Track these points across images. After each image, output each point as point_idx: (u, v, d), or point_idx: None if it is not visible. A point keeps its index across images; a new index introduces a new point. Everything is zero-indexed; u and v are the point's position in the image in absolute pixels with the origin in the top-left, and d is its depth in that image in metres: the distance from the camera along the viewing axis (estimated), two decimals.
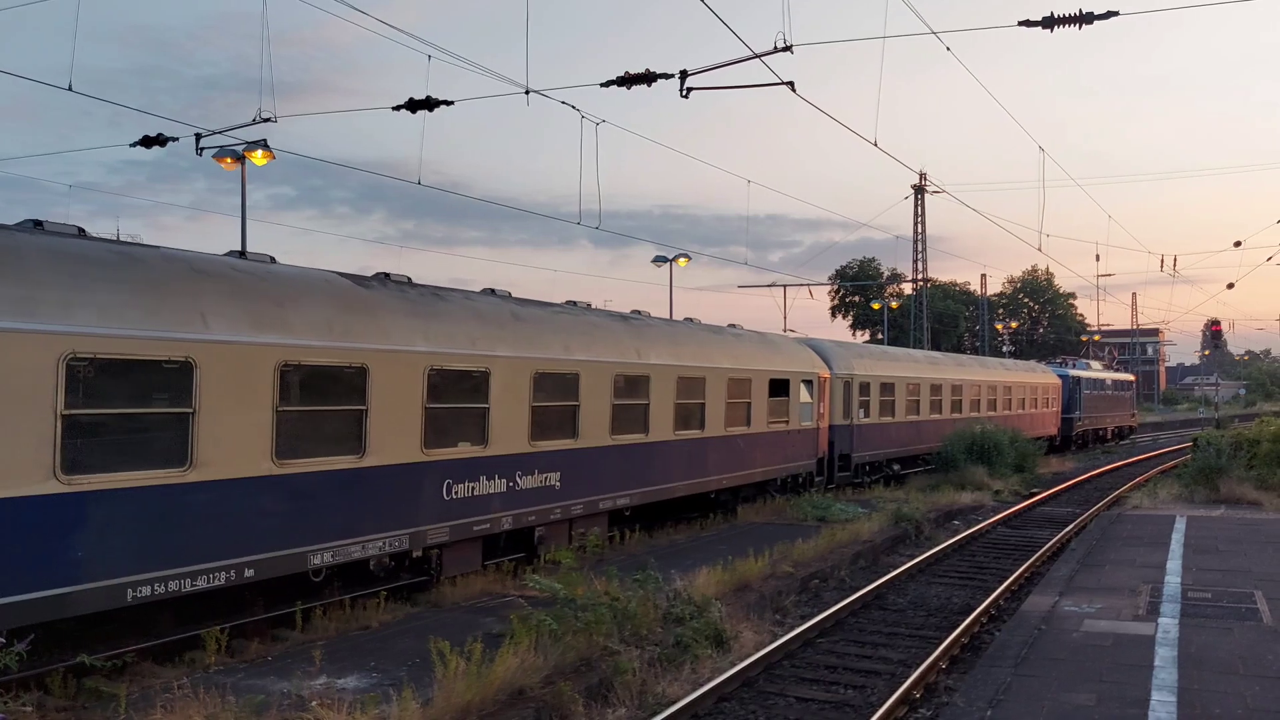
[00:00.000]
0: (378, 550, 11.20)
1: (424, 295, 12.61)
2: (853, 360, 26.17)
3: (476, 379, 12.61)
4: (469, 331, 12.66)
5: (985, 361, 40.22)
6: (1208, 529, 18.22)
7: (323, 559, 10.48)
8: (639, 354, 16.17)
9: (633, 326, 16.85)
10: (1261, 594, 12.42)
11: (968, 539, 19.73)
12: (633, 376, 15.88)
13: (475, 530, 12.61)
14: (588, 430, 14.68)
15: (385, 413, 11.18)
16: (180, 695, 7.92)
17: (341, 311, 10.99)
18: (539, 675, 9.08)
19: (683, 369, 17.32)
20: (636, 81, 13.84)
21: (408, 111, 14.77)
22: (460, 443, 12.38)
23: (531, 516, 13.63)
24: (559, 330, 14.55)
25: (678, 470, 17.19)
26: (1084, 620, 11.10)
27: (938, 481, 27.21)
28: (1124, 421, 53.37)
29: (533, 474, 13.57)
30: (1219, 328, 58.77)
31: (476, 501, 12.56)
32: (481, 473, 12.65)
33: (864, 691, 10.09)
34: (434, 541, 11.98)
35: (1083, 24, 12.36)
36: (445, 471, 12.09)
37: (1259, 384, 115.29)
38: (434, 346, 11.92)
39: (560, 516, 14.17)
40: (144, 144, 18.22)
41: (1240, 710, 8.00)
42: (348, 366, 10.82)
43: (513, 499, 13.20)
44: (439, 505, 12.00)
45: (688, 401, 17.48)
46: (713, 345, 19.04)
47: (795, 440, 21.94)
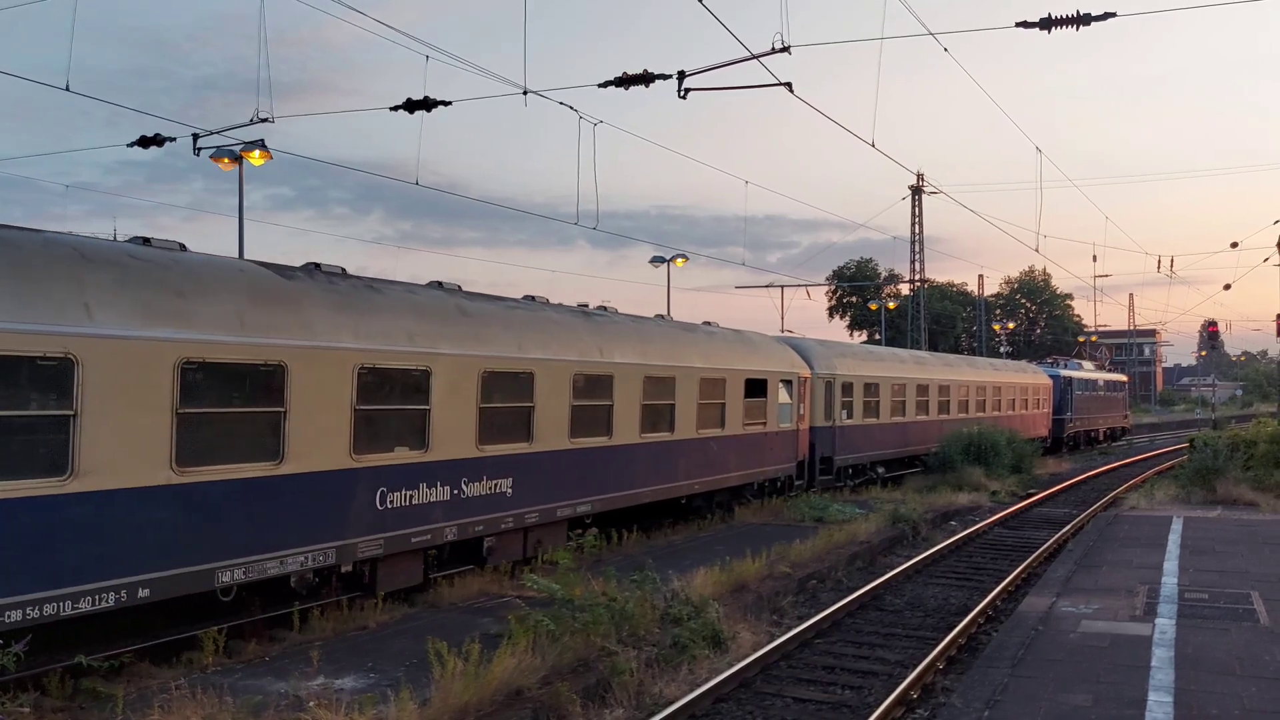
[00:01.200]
0: (299, 566, 10.22)
1: (356, 287, 11.65)
2: (835, 360, 25.47)
3: (416, 378, 11.73)
4: (407, 327, 11.74)
5: (974, 361, 39.45)
6: (1205, 530, 18.25)
7: (233, 576, 9.49)
8: (601, 352, 15.28)
9: (595, 323, 15.92)
10: (1258, 594, 12.44)
11: (965, 540, 19.75)
12: (594, 376, 15.00)
13: (414, 542, 11.70)
14: (544, 433, 13.79)
15: (308, 415, 10.23)
16: (177, 696, 7.92)
17: (257, 304, 10.02)
18: (537, 676, 9.08)
19: (650, 368, 16.48)
20: (634, 82, 13.86)
21: (405, 112, 14.78)
22: (397, 447, 11.51)
23: (479, 526, 12.70)
24: (511, 326, 13.63)
25: (644, 475, 16.31)
26: (1081, 621, 11.12)
27: (935, 482, 27.22)
28: (1116, 423, 53.02)
29: (481, 480, 12.66)
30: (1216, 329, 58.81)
31: (415, 511, 11.64)
32: (421, 480, 11.73)
33: (861, 692, 10.10)
34: (366, 555, 11.04)
35: (1080, 25, 12.38)
36: (379, 479, 11.16)
37: (1256, 385, 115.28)
38: (365, 343, 11.00)
39: (513, 526, 13.28)
40: (141, 144, 18.23)
41: (1237, 711, 8.01)
42: (262, 364, 9.86)
43: (458, 508, 12.30)
44: (371, 516, 11.06)
45: (656, 402, 16.65)
46: (684, 343, 18.20)
47: (773, 443, 21.10)
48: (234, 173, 23.40)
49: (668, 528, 18.09)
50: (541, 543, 13.99)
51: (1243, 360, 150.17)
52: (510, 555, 13.47)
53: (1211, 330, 56.60)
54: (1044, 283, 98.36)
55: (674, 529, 18.16)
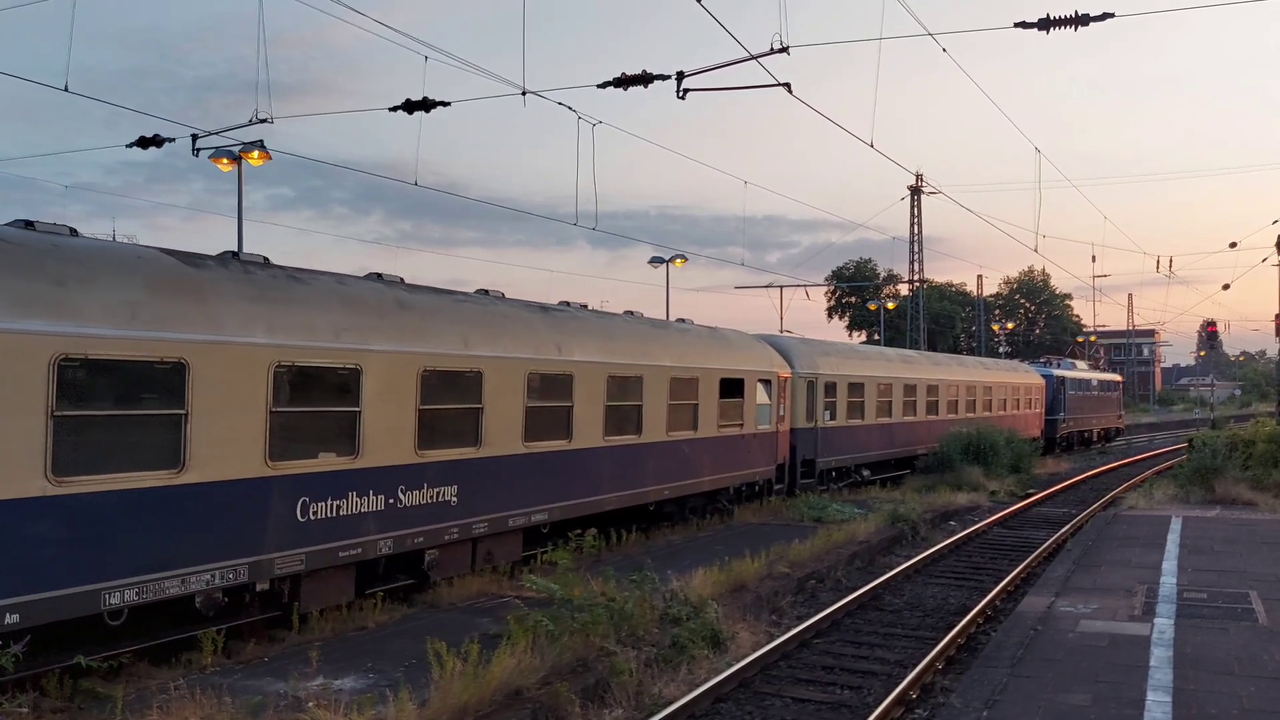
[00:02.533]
0: (204, 584, 9.28)
1: (277, 277, 10.69)
2: (817, 359, 24.67)
3: (344, 377, 10.81)
4: (334, 320, 10.80)
5: (963, 360, 38.42)
6: (1203, 529, 18.26)
7: (123, 598, 8.61)
8: (560, 350, 14.36)
9: (554, 319, 14.97)
10: (1257, 594, 12.45)
11: (964, 539, 19.76)
12: (552, 375, 14.10)
13: (343, 556, 10.77)
14: (494, 437, 12.87)
15: (214, 418, 9.33)
16: (176, 696, 7.93)
17: (154, 295, 9.09)
18: (536, 676, 9.08)
19: (615, 367, 15.54)
20: (633, 83, 13.87)
21: (405, 113, 14.79)
22: (322, 453, 10.57)
23: (419, 538, 11.78)
24: (457, 321, 12.68)
25: (608, 480, 15.41)
26: (1080, 621, 11.12)
27: (934, 482, 27.22)
28: (1110, 423, 52.40)
29: (420, 488, 11.75)
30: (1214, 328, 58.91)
31: (343, 522, 10.72)
32: (351, 488, 10.82)
33: (860, 692, 10.11)
34: (285, 571, 10.13)
35: (1078, 25, 12.40)
36: (299, 487, 10.24)
37: (1254, 385, 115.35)
38: (283, 338, 10.08)
39: (458, 536, 12.38)
40: (140, 144, 18.24)
41: (1236, 710, 8.02)
42: (158, 362, 8.94)
43: (394, 518, 11.38)
44: (291, 528, 10.14)
45: (621, 403, 15.75)
46: (652, 341, 17.27)
47: (751, 445, 20.23)
48: (234, 173, 23.44)
49: (666, 528, 18.09)
50: (493, 555, 13.25)
51: (1241, 360, 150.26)
52: (456, 569, 12.69)
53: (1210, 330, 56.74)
54: (1043, 283, 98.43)
55: (673, 529, 18.16)
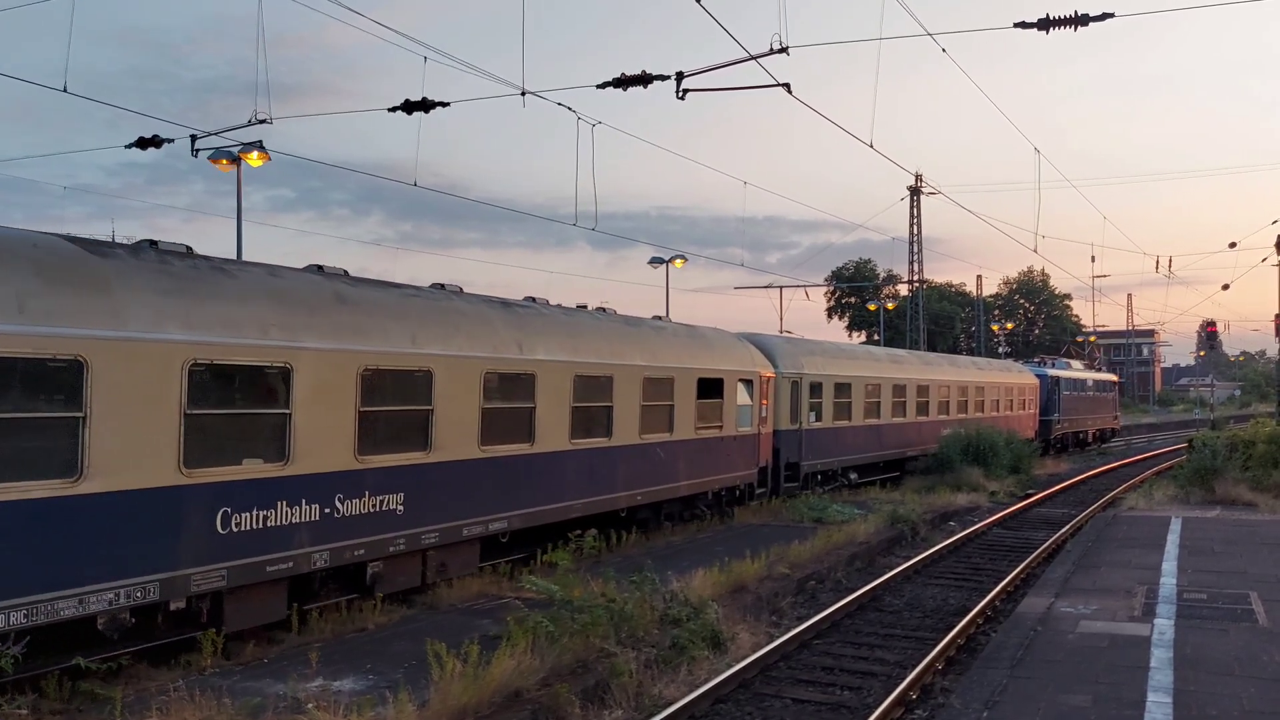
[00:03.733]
0: (107, 605, 8.46)
1: (198, 269, 9.82)
2: (802, 358, 23.93)
3: (272, 377, 10.03)
4: (261, 316, 10.01)
5: (955, 360, 37.55)
6: (1203, 530, 18.25)
7: (8, 620, 7.84)
8: (521, 348, 13.60)
9: (515, 315, 14.15)
10: (1257, 595, 12.45)
11: (964, 540, 19.76)
12: (511, 375, 13.33)
13: (271, 571, 9.95)
14: (446, 440, 12.09)
15: (117, 421, 8.55)
16: (176, 698, 7.92)
17: (48, 285, 8.37)
18: (536, 677, 9.08)
19: (582, 366, 14.76)
20: (633, 83, 13.87)
21: (404, 113, 14.79)
22: (247, 459, 9.81)
23: (360, 550, 10.99)
24: (405, 317, 11.92)
25: (575, 486, 14.64)
26: (1080, 621, 11.12)
27: (933, 483, 27.23)
28: (1106, 424, 51.75)
29: (361, 496, 10.96)
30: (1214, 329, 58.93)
31: (272, 534, 9.93)
32: (280, 497, 10.02)
33: (860, 693, 10.10)
34: (203, 588, 9.33)
35: (1078, 25, 12.40)
36: (220, 497, 9.46)
37: (1254, 385, 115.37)
38: (200, 334, 9.28)
39: (405, 548, 11.61)
40: (140, 145, 18.23)
41: (1236, 711, 8.02)
42: (51, 359, 8.22)
43: (330, 529, 10.59)
44: (210, 541, 9.37)
45: (589, 405, 14.97)
46: (624, 339, 16.45)
47: (731, 448, 19.39)
48: (234, 175, 23.44)
49: (666, 529, 18.08)
50: (446, 566, 12.53)
51: (1241, 360, 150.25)
52: (404, 582, 11.92)
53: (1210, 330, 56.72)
54: (1042, 283, 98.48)
55: (673, 530, 18.16)
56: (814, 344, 27.01)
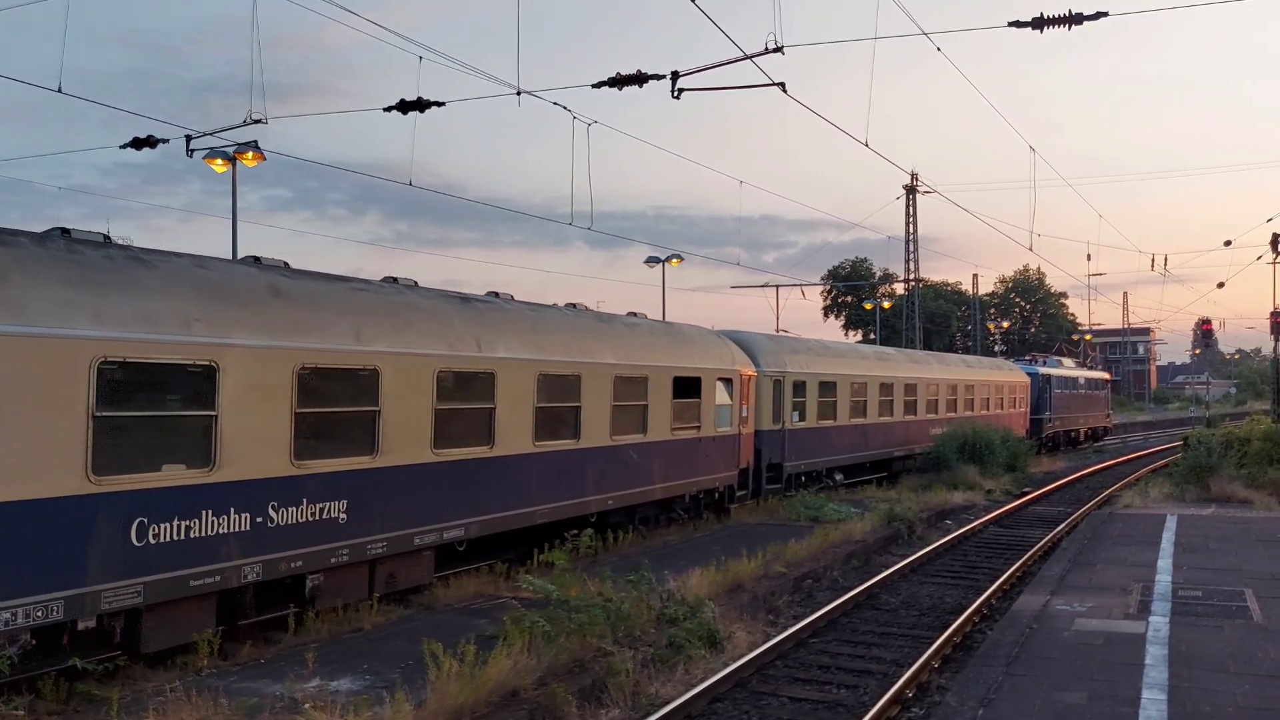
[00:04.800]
0: (3, 625, 7.80)
1: (113, 260, 9.08)
2: (785, 356, 23.23)
3: (195, 376, 9.28)
4: (183, 310, 9.24)
5: (944, 358, 36.63)
6: (1198, 528, 18.30)
7: None
8: (480, 345, 12.93)
9: (474, 311, 13.41)
10: (1252, 592, 12.49)
11: (960, 538, 19.80)
12: (469, 374, 12.68)
13: (195, 586, 9.20)
14: (395, 443, 11.42)
15: (14, 423, 7.89)
16: (172, 699, 7.93)
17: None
18: (532, 676, 9.09)
19: (547, 364, 14.10)
20: (628, 82, 13.87)
21: (399, 113, 14.79)
22: (167, 465, 9.09)
23: (297, 562, 10.29)
24: (348, 312, 11.20)
25: (539, 490, 13.94)
26: (1075, 619, 11.15)
27: (929, 481, 27.28)
28: (1098, 422, 51.15)
29: (298, 505, 10.25)
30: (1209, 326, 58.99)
31: (196, 546, 9.18)
32: (205, 505, 9.28)
33: (857, 691, 10.12)
34: (116, 605, 8.58)
35: (1072, 24, 12.43)
36: (135, 506, 8.70)
37: (1249, 383, 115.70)
38: (111, 330, 8.55)
39: (349, 558, 10.91)
40: (134, 145, 18.22)
41: (1230, 708, 8.05)
42: None
43: (263, 539, 9.87)
44: (124, 554, 8.61)
45: (556, 405, 14.32)
46: (594, 336, 15.74)
47: (709, 449, 18.72)
48: (230, 175, 23.42)
49: (663, 528, 18.10)
50: (396, 577, 11.85)
51: (1236, 358, 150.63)
52: (350, 594, 11.22)
53: (1205, 328, 56.75)
54: (1038, 282, 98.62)
55: (669, 529, 18.17)
56: (797, 342, 26.52)
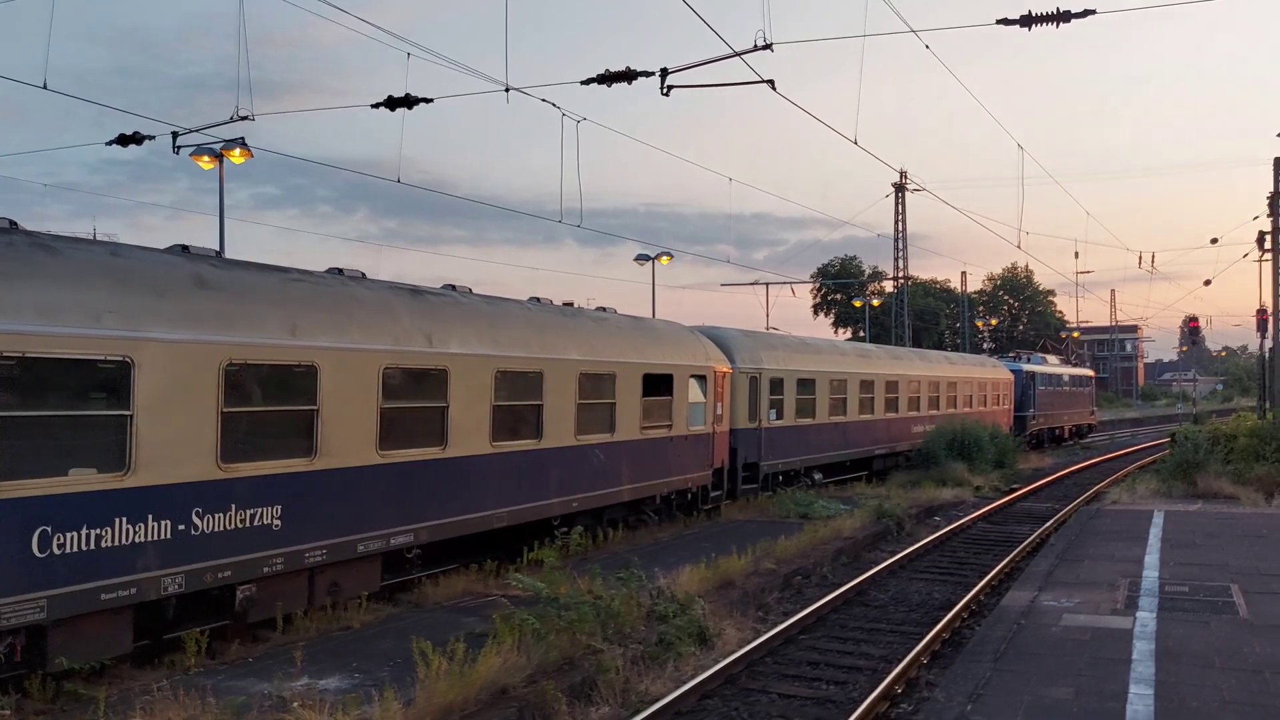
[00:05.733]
0: None
1: (14, 247, 8.49)
2: (761, 353, 22.60)
3: (106, 373, 8.69)
4: (92, 301, 8.65)
5: (926, 355, 36.10)
6: (1185, 524, 18.40)
7: None
8: (431, 340, 12.31)
9: (426, 304, 12.81)
10: (1238, 587, 12.56)
11: (949, 534, 19.87)
12: (419, 370, 12.11)
13: (106, 599, 8.53)
14: (335, 444, 10.78)
15: None
16: (160, 698, 7.89)
17: None
18: (522, 674, 9.09)
19: (505, 360, 13.47)
20: (617, 79, 13.85)
21: (387, 109, 14.73)
22: (74, 469, 8.47)
23: (225, 571, 9.60)
24: (283, 304, 10.54)
25: (496, 493, 13.30)
26: (1063, 615, 11.19)
27: (918, 477, 27.36)
28: (1082, 420, 50.82)
29: (226, 511, 9.59)
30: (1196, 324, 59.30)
31: (108, 556, 8.53)
32: (119, 512, 8.61)
33: (846, 687, 10.15)
34: (16, 621, 8.02)
35: (1060, 22, 12.46)
36: (37, 513, 8.09)
37: (1236, 379, 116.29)
38: (7, 323, 8.02)
39: (284, 567, 10.25)
40: (120, 142, 18.11)
41: (1216, 703, 8.09)
42: None
43: (186, 548, 9.19)
44: (24, 566, 8.05)
45: (516, 403, 13.73)
46: (557, 331, 15.10)
47: (682, 449, 18.14)
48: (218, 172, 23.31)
49: (654, 526, 18.10)
50: (339, 586, 11.20)
51: (1223, 355, 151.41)
52: (287, 605, 10.57)
53: (1192, 325, 57.03)
54: (1026, 279, 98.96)
55: (659, 527, 18.18)
56: (774, 338, 25.97)
